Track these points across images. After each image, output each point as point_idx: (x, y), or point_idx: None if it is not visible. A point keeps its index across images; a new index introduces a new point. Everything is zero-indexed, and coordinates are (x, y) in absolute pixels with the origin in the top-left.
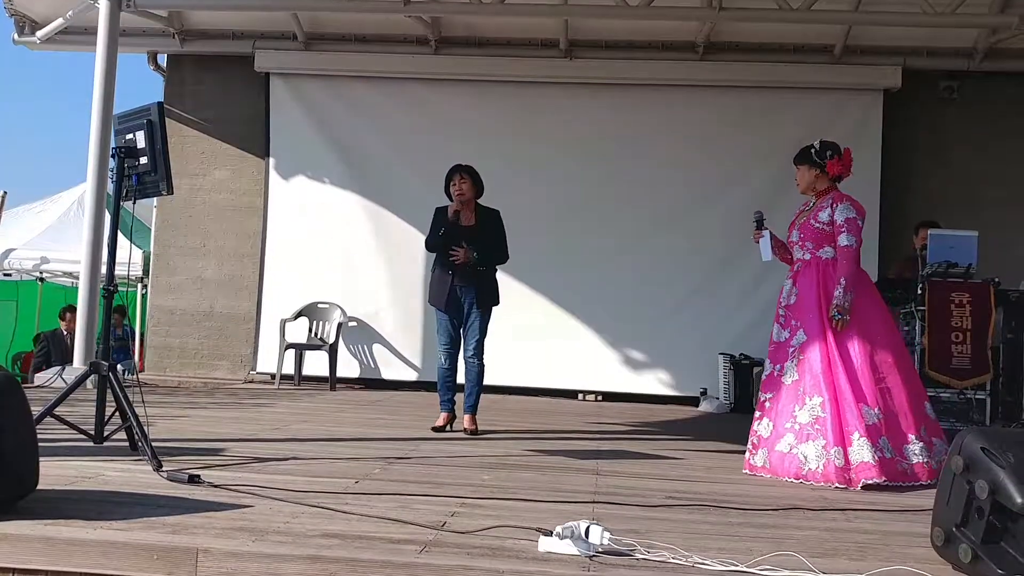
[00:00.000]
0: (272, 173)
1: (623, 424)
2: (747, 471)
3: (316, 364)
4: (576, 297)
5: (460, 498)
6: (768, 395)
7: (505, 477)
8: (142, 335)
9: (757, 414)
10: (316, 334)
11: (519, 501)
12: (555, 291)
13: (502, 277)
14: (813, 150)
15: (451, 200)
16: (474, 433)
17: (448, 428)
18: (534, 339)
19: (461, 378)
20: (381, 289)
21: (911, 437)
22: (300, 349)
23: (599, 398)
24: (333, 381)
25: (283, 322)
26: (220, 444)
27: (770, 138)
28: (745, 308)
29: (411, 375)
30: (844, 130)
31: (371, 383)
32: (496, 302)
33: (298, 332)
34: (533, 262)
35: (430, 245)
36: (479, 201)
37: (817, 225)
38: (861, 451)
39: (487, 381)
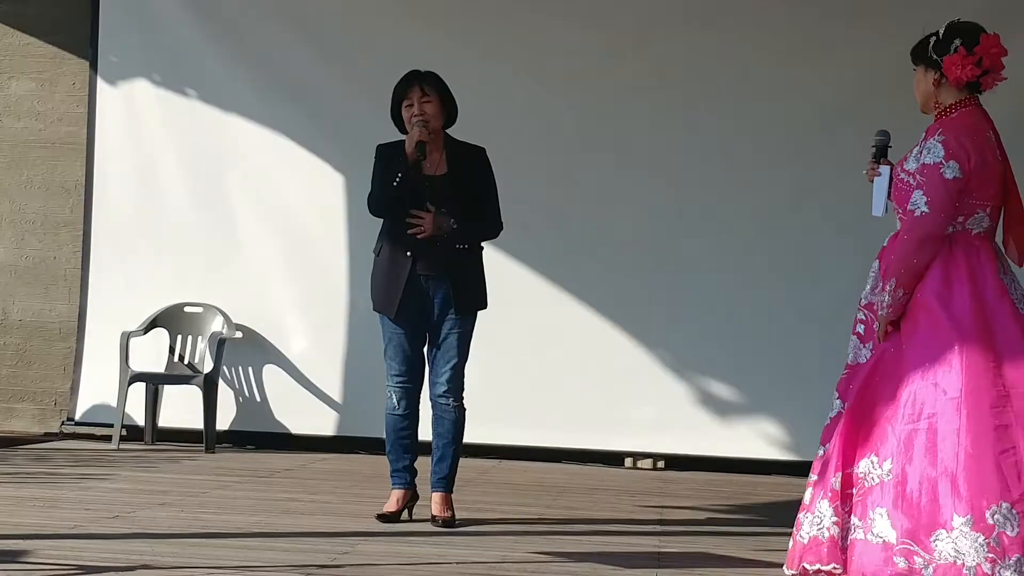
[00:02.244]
0: (102, 85)
1: (699, 507)
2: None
3: (182, 408)
4: (623, 300)
5: None
6: (823, 449)
7: None
8: None
9: (812, 478)
10: (182, 357)
11: None
12: (585, 289)
13: (494, 261)
14: (933, 40)
15: (403, 132)
16: (449, 523)
17: (406, 515)
18: (551, 367)
19: (425, 432)
20: (287, 282)
21: (955, 520)
22: (155, 383)
23: (661, 465)
24: (211, 437)
25: (126, 337)
26: (21, 544)
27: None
28: None
29: (340, 426)
30: None
31: (274, 440)
32: (483, 304)
33: (152, 355)
34: (547, 240)
35: (377, 204)
36: (450, 133)
37: (903, 176)
38: (820, 521)
39: (470, 437)
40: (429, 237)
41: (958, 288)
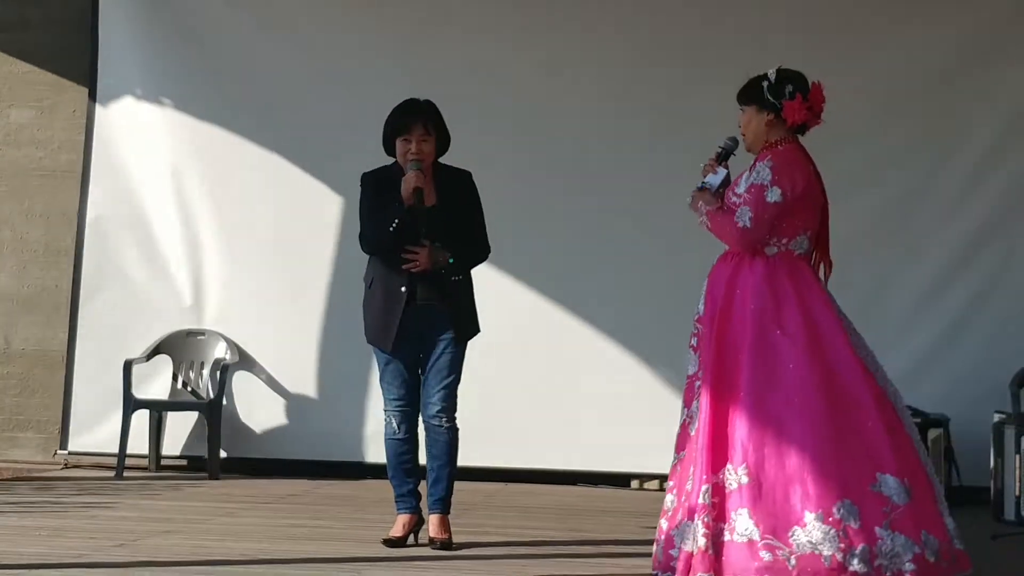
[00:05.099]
0: (100, 112)
1: None
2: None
3: (186, 435)
4: (628, 321)
5: None
6: (678, 456)
7: None
8: None
9: (670, 484)
10: (185, 384)
11: None
12: (590, 310)
13: (500, 285)
14: (766, 84)
15: (391, 156)
16: (447, 545)
17: (412, 539)
18: (555, 389)
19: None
20: (289, 307)
21: (807, 517)
22: (158, 410)
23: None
24: (215, 463)
25: (129, 365)
26: (26, 574)
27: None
28: (915, 331)
29: (352, 452)
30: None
31: (278, 467)
32: (476, 330)
33: (153, 382)
34: (552, 262)
35: (373, 247)
36: (440, 159)
37: (734, 199)
38: (693, 534)
39: (470, 459)
40: (424, 270)
41: (787, 305)
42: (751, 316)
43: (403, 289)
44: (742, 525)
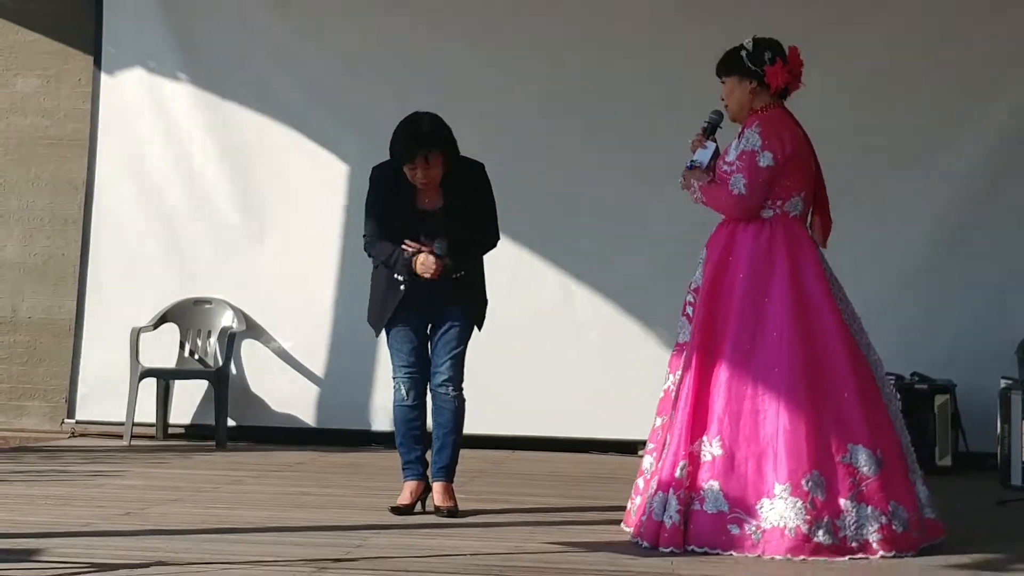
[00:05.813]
0: (106, 81)
1: None
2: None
3: (193, 404)
4: (634, 288)
5: None
6: (660, 420)
7: None
8: None
9: (650, 446)
10: (192, 352)
11: None
12: (597, 277)
13: (507, 252)
14: (744, 53)
15: (393, 156)
16: (452, 513)
17: (419, 507)
18: (562, 356)
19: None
20: (297, 275)
21: (776, 489)
22: (166, 378)
23: None
24: (222, 432)
25: (136, 333)
26: (33, 542)
27: None
28: (921, 297)
29: (359, 420)
30: None
31: (288, 436)
32: (484, 309)
33: (162, 350)
34: (560, 230)
35: (376, 259)
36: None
37: (725, 168)
38: (664, 507)
39: (477, 427)
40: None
41: (778, 271)
42: (740, 285)
43: (402, 288)
44: (712, 497)
